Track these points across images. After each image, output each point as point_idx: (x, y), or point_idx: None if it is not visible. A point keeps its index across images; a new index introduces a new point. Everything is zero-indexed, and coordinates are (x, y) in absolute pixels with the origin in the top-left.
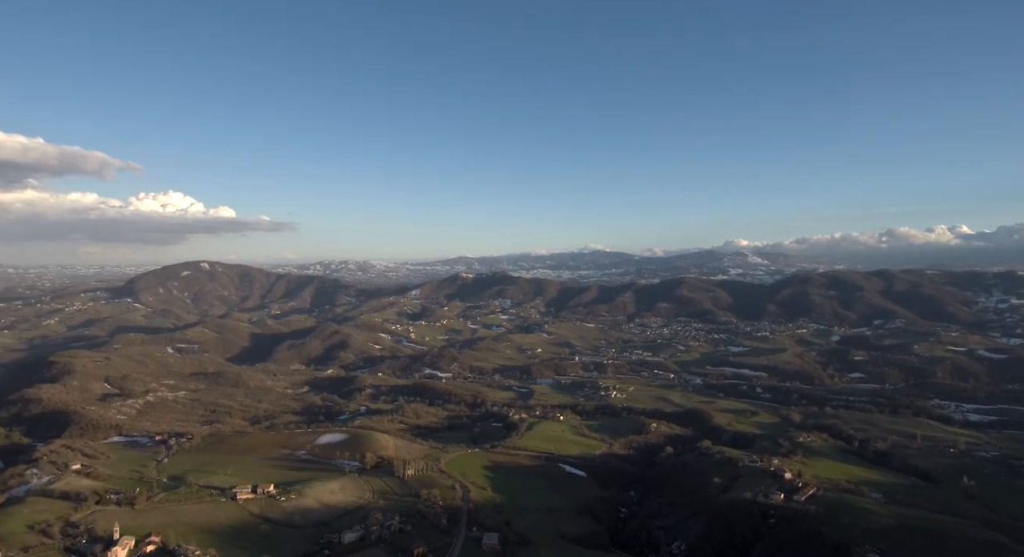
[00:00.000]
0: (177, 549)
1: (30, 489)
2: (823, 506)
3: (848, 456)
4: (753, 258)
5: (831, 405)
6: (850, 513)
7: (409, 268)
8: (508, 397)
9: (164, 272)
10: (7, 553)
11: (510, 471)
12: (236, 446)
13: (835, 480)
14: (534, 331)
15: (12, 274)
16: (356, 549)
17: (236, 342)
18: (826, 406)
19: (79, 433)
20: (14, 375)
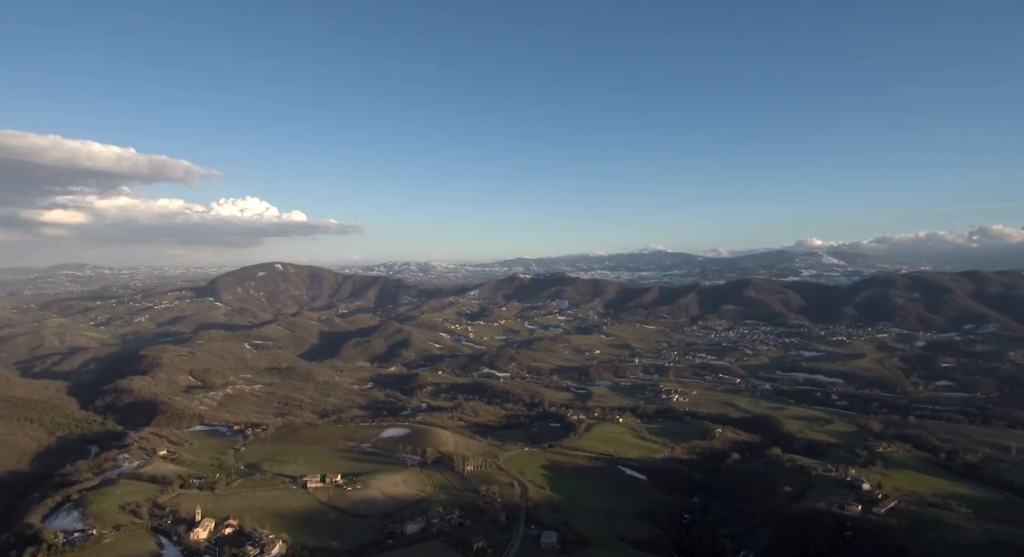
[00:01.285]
0: (252, 532)
1: (122, 472)
2: (905, 519)
3: (933, 468)
4: (828, 258)
5: (915, 414)
6: (936, 528)
7: (468, 269)
8: (566, 398)
9: (242, 273)
10: (101, 530)
11: (568, 471)
12: (306, 437)
13: (919, 493)
14: (592, 332)
15: (108, 275)
16: (418, 540)
17: (306, 339)
18: (909, 415)
19: (166, 422)
20: (109, 368)
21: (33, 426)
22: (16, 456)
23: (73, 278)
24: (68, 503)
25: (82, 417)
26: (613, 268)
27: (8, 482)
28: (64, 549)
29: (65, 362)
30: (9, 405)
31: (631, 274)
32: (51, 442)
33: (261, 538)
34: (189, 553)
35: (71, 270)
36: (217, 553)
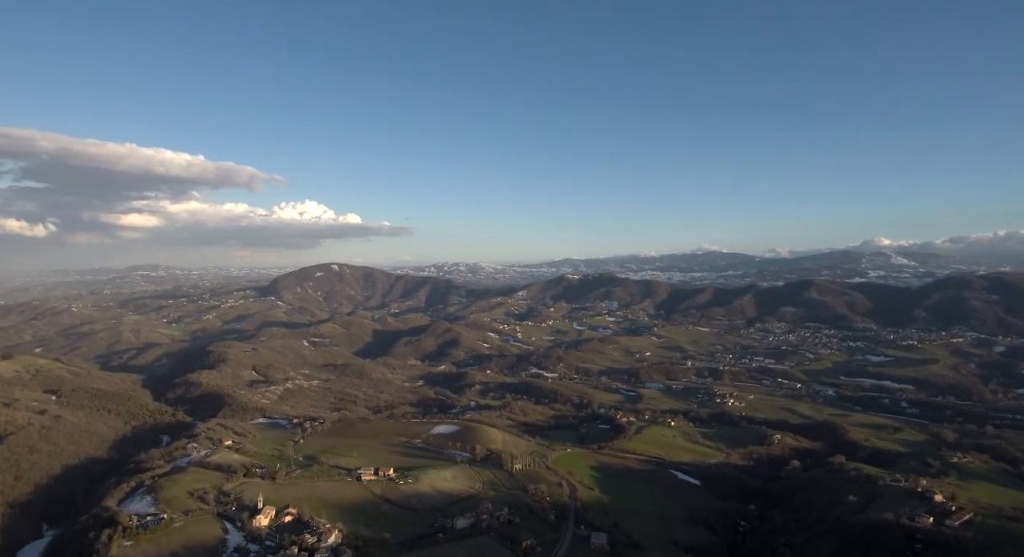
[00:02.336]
0: (310, 521)
1: (191, 460)
2: (982, 533)
3: (1014, 481)
4: (897, 259)
5: (993, 423)
6: (1015, 543)
7: (516, 270)
8: (615, 399)
9: (301, 273)
10: (171, 514)
11: (618, 473)
12: (360, 431)
13: (996, 506)
14: (642, 333)
15: (179, 275)
16: (467, 536)
17: (361, 337)
18: (987, 424)
19: (231, 414)
20: (180, 362)
21: (111, 416)
22: (96, 443)
23: (147, 278)
24: (142, 488)
25: (155, 408)
26: (664, 269)
27: (88, 467)
28: (137, 532)
29: (140, 357)
30: (90, 396)
31: (683, 275)
32: (127, 431)
33: (318, 527)
34: (252, 539)
35: (146, 271)
36: (277, 540)
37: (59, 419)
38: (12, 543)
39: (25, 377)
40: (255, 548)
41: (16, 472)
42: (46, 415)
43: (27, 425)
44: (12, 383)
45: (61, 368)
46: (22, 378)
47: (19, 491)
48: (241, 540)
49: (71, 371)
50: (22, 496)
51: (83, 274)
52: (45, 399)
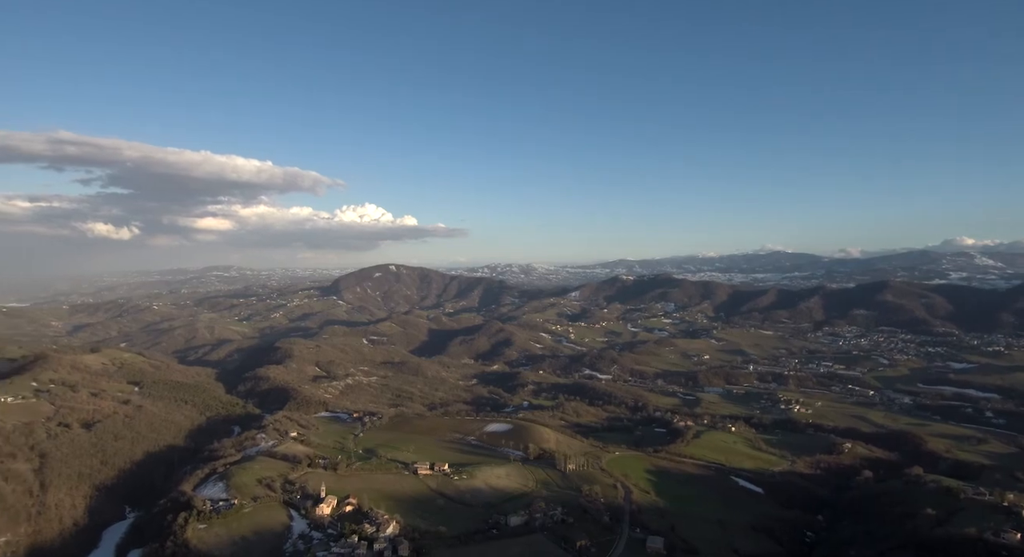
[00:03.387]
0: (370, 511)
1: (259, 450)
2: None
3: None
4: (982, 259)
5: None
6: None
7: (569, 271)
8: (671, 403)
9: (360, 274)
10: (241, 500)
11: (675, 478)
12: (417, 427)
13: None
14: (701, 336)
15: (249, 275)
16: (521, 533)
17: (416, 336)
18: None
19: (296, 407)
20: (249, 358)
21: (188, 407)
22: (174, 432)
23: (221, 278)
24: (215, 475)
25: (227, 400)
26: (724, 270)
27: (167, 454)
28: (211, 516)
29: (214, 352)
30: (169, 388)
31: (744, 276)
32: (202, 421)
33: (377, 517)
34: (315, 526)
35: (219, 271)
36: (339, 528)
37: (141, 409)
38: (98, 523)
39: (111, 369)
40: (318, 536)
41: (102, 457)
42: (130, 405)
43: (113, 414)
44: (100, 375)
45: (143, 361)
46: (108, 370)
47: (105, 475)
48: (305, 527)
49: (152, 364)
50: (107, 480)
51: (163, 274)
52: (129, 390)
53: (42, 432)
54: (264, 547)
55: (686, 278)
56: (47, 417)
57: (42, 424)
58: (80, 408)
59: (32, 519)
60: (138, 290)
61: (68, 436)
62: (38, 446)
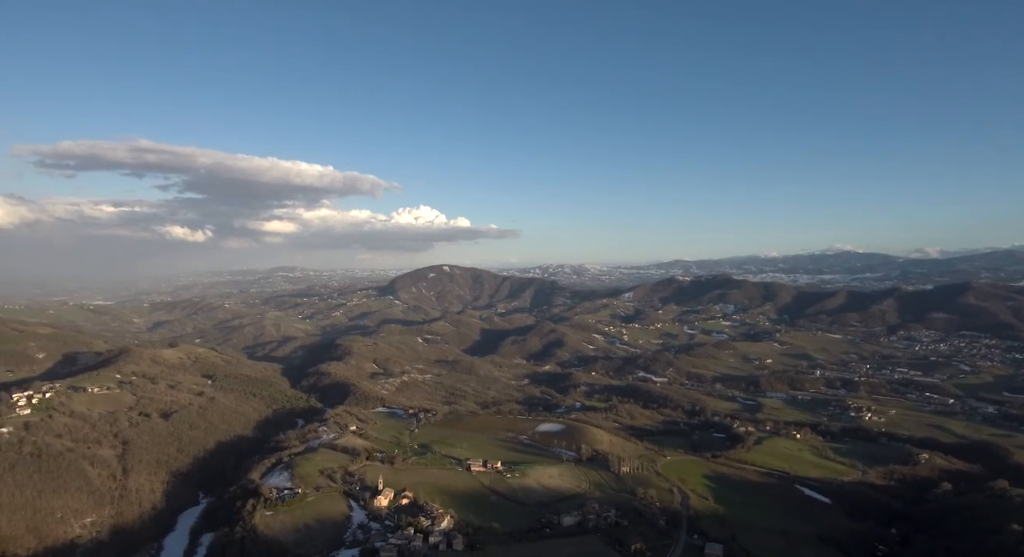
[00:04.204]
0: (425, 505)
1: (321, 442)
2: None
3: None
4: None
5: None
6: None
7: (622, 272)
8: (731, 407)
9: (415, 274)
10: (305, 489)
11: (735, 484)
12: (470, 425)
13: None
14: (762, 339)
15: (312, 275)
16: (574, 533)
17: (469, 336)
18: None
19: (355, 402)
20: (312, 354)
21: (256, 399)
22: (243, 423)
23: (286, 278)
24: (280, 465)
25: (292, 394)
26: (788, 270)
27: (236, 444)
28: (276, 503)
29: (280, 348)
30: (239, 381)
31: (810, 277)
32: (268, 413)
33: (432, 511)
34: (373, 517)
35: (285, 272)
36: (396, 520)
37: (214, 401)
38: (175, 507)
39: (187, 363)
40: (376, 526)
41: (179, 445)
42: (203, 397)
43: (188, 405)
44: (176, 368)
45: (216, 356)
46: (184, 364)
47: (180, 462)
48: (364, 518)
49: (224, 359)
50: (183, 467)
51: (234, 274)
52: (203, 383)
53: (125, 421)
54: (326, 535)
55: (747, 279)
56: (129, 407)
57: (125, 413)
58: (159, 399)
59: (115, 502)
60: (211, 289)
61: (148, 425)
62: (121, 434)
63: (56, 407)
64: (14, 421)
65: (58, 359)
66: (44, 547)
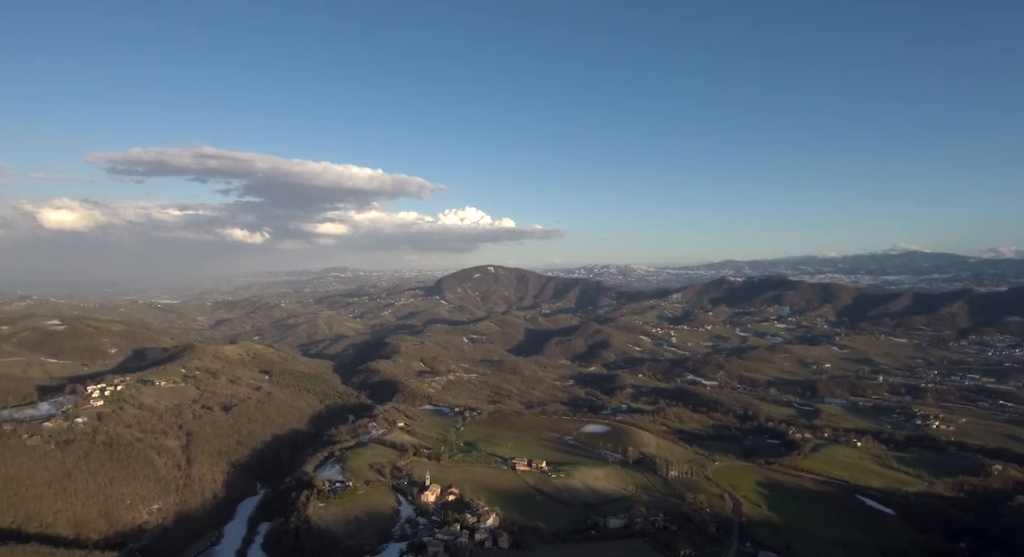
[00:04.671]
0: (470, 502)
1: (371, 438)
2: None
3: None
4: None
5: None
6: None
7: (670, 272)
8: (786, 413)
9: (461, 275)
10: (355, 483)
11: (790, 492)
12: (514, 424)
13: None
14: (820, 343)
15: (362, 276)
16: (621, 536)
17: (514, 336)
18: None
19: (403, 399)
20: (362, 352)
21: (309, 395)
22: (298, 417)
23: (338, 278)
24: (332, 458)
25: (343, 390)
26: (849, 271)
27: (291, 437)
28: (328, 495)
29: (332, 346)
30: (294, 377)
31: (873, 278)
32: (321, 408)
33: (477, 508)
34: (420, 512)
35: (336, 272)
36: (442, 516)
37: (271, 395)
38: (234, 496)
39: (246, 359)
40: (423, 521)
41: (238, 437)
42: (261, 391)
43: (247, 399)
44: (236, 364)
45: (273, 353)
46: (244, 360)
47: (240, 453)
48: (411, 512)
49: (280, 356)
50: (242, 458)
51: (289, 275)
52: (260, 378)
53: (189, 413)
54: (375, 527)
55: (803, 280)
56: (193, 400)
57: (189, 406)
58: (220, 393)
59: (180, 490)
60: (268, 289)
61: (210, 417)
62: (185, 425)
63: (126, 399)
64: (88, 412)
65: (128, 354)
66: (115, 531)
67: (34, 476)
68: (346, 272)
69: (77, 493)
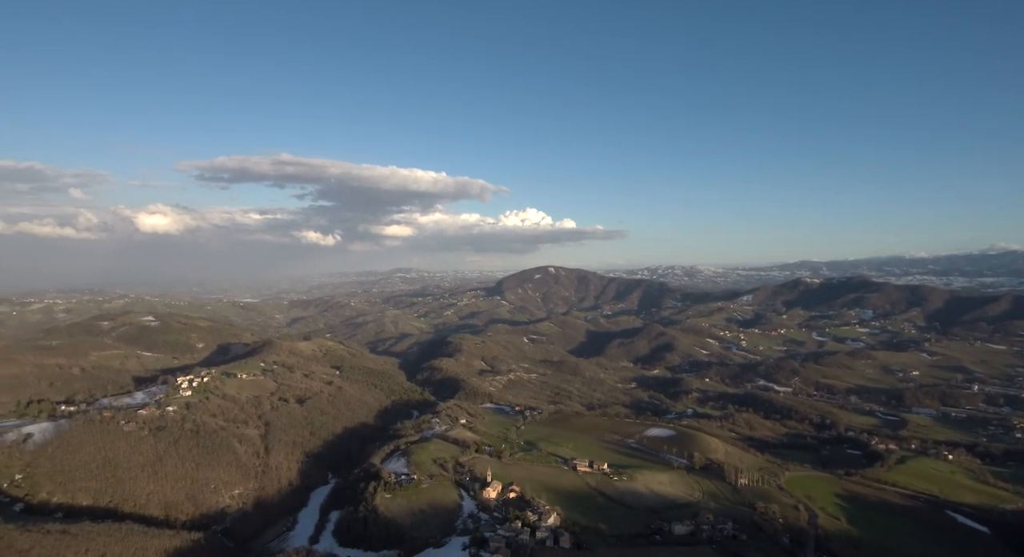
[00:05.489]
0: (531, 500)
1: (434, 433)
2: None
3: None
4: None
5: None
6: None
7: (740, 273)
8: (868, 423)
9: (521, 275)
10: (420, 476)
11: (872, 505)
12: (575, 425)
13: None
14: (908, 349)
15: (426, 276)
16: (686, 543)
17: (574, 337)
18: None
19: (464, 397)
20: (425, 350)
21: (377, 390)
22: (366, 411)
23: (403, 279)
24: (398, 452)
25: (408, 387)
26: (940, 273)
27: (360, 430)
28: (394, 487)
29: (397, 344)
30: (362, 373)
31: (967, 280)
32: (388, 403)
33: (538, 507)
34: (482, 508)
35: (402, 273)
36: (504, 513)
37: (341, 389)
38: (308, 485)
39: (319, 355)
40: (485, 517)
41: (311, 429)
42: (332, 386)
43: (319, 392)
44: (310, 359)
45: (343, 349)
46: (316, 356)
47: (313, 444)
48: (473, 508)
49: (350, 352)
50: (315, 448)
51: (358, 275)
52: (332, 373)
53: (267, 404)
54: (438, 520)
55: (888, 281)
56: (271, 392)
57: (267, 398)
58: (295, 386)
59: (258, 477)
60: (339, 289)
61: (286, 409)
62: (264, 416)
63: (212, 390)
64: (178, 401)
65: (214, 349)
66: (200, 514)
67: (130, 459)
68: (411, 273)
69: (167, 476)
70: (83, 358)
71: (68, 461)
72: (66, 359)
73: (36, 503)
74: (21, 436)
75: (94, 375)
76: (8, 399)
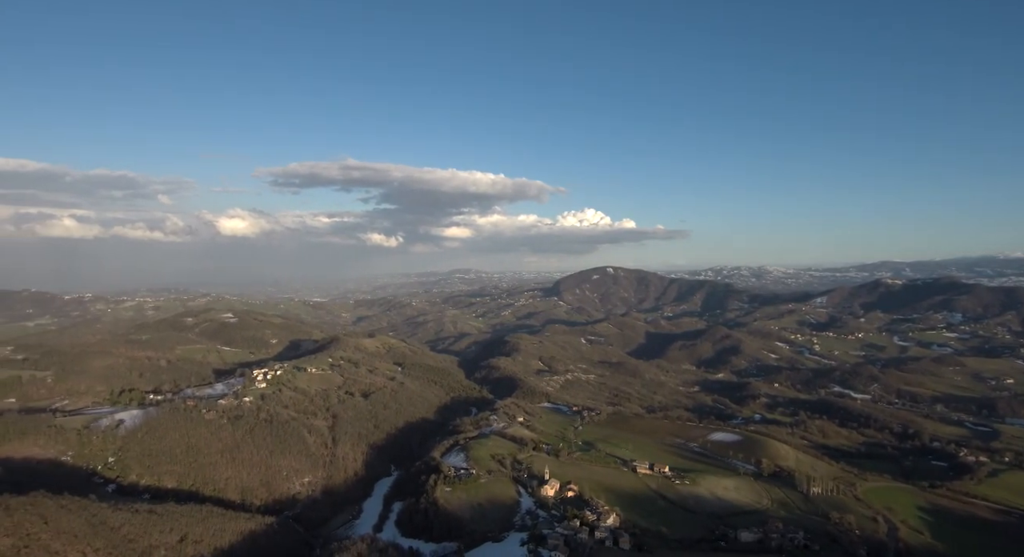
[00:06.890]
0: (590, 500)
1: (492, 430)
2: None
3: None
4: None
5: None
6: None
7: (812, 274)
8: (956, 433)
9: (579, 276)
10: (478, 471)
11: (959, 520)
12: (634, 427)
13: None
14: (1002, 355)
15: (484, 277)
16: (754, 551)
17: (633, 338)
18: None
19: (522, 395)
20: (484, 349)
21: (437, 387)
22: (426, 407)
23: (462, 279)
24: (457, 447)
25: (467, 384)
26: None
27: (421, 425)
28: (454, 481)
29: (456, 343)
30: (423, 370)
31: None
32: (447, 400)
33: (597, 507)
34: (540, 505)
35: (461, 274)
36: (562, 511)
37: (403, 385)
38: (372, 476)
39: (382, 352)
40: (543, 514)
41: (375, 422)
42: (395, 381)
43: (383, 387)
44: (374, 355)
45: (405, 347)
46: (380, 353)
47: (377, 437)
48: (531, 504)
49: (411, 350)
50: (379, 441)
51: (419, 276)
52: (394, 370)
53: (335, 398)
54: (497, 515)
55: (979, 283)
56: (338, 386)
57: (335, 391)
58: (360, 381)
59: (326, 466)
60: (401, 289)
61: (352, 402)
62: (332, 408)
63: (284, 383)
64: (253, 393)
65: (286, 344)
66: (273, 499)
67: (210, 446)
68: (469, 273)
69: (243, 463)
70: (169, 351)
71: (155, 446)
72: (154, 352)
73: (127, 484)
74: (114, 422)
75: (179, 367)
76: (103, 388)
